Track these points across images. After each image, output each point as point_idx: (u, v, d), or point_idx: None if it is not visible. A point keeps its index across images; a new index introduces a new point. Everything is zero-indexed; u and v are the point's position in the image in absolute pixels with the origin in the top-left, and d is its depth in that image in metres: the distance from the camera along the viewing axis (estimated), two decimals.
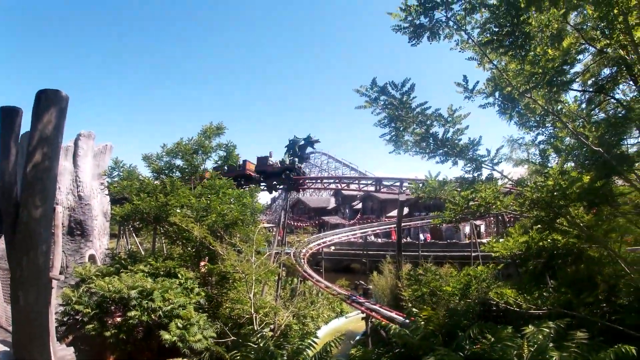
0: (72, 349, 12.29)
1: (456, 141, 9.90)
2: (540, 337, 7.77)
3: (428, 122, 9.80)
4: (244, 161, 38.12)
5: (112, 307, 15.95)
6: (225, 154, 25.66)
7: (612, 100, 11.72)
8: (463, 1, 8.44)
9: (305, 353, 9.79)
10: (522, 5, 8.12)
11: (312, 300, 27.08)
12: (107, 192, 26.46)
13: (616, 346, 6.94)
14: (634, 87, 11.18)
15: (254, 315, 16.56)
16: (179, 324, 15.19)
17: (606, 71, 12.10)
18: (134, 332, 15.50)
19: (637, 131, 10.85)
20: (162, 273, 18.21)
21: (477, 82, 9.76)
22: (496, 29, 8.69)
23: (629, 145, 11.61)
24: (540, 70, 8.71)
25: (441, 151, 10.08)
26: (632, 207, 13.14)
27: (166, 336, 14.50)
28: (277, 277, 25.06)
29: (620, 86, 12.38)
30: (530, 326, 8.20)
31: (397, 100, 9.43)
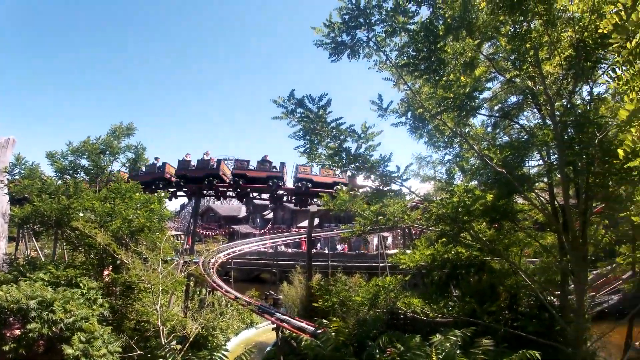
0: None
1: (368, 157, 10.24)
2: (448, 345, 8.15)
3: (342, 137, 10.08)
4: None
5: (11, 319, 14.84)
6: (134, 156, 24.19)
7: (517, 125, 12.61)
8: (385, 24, 8.79)
9: None
10: (440, 33, 8.59)
11: (222, 312, 26.50)
12: (6, 190, 24.58)
13: (520, 351, 7.41)
14: (538, 114, 12.10)
15: (161, 328, 15.93)
16: (82, 337, 14.32)
17: (513, 99, 13.08)
18: (34, 347, 14.55)
19: (538, 155, 11.71)
20: (63, 282, 17.21)
21: (391, 101, 10.20)
22: (413, 53, 9.12)
23: (530, 167, 12.51)
24: (452, 95, 9.21)
25: (353, 166, 10.40)
26: (532, 222, 14.21)
27: (69, 350, 13.66)
28: (185, 288, 24.39)
29: (525, 113, 13.38)
30: (437, 335, 8.58)
31: (314, 114, 9.63)
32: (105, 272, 20.56)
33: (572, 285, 11.54)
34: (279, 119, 9.65)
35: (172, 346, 14.04)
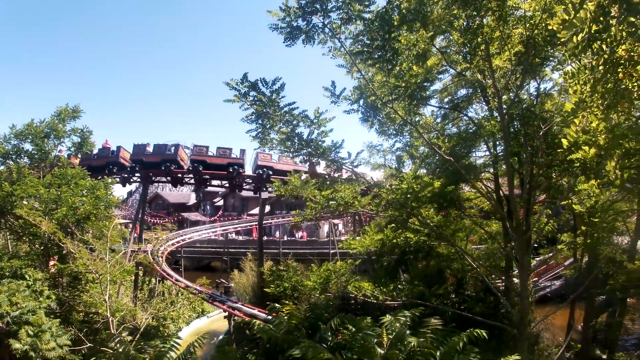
0: None
1: (320, 142, 10.35)
2: (398, 325, 8.41)
3: (294, 122, 10.14)
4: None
5: None
6: (80, 140, 23.36)
7: (465, 117, 13.02)
8: (341, 11, 8.88)
9: (168, 355, 9.62)
10: (395, 23, 8.75)
11: (172, 301, 26.41)
12: None
13: (468, 330, 7.73)
14: (486, 107, 12.52)
15: (110, 319, 15.66)
16: (29, 331, 13.95)
17: (462, 92, 13.47)
18: None
19: (485, 146, 12.13)
20: (7, 274, 16.61)
21: (344, 88, 10.32)
22: (368, 42, 9.25)
23: (476, 158, 12.95)
24: (404, 84, 9.41)
25: (305, 151, 10.49)
26: (477, 211, 14.75)
27: (16, 345, 13.28)
28: (133, 277, 24.02)
29: (474, 106, 13.80)
30: (388, 316, 8.82)
31: (267, 98, 9.65)
32: (51, 263, 19.97)
33: (516, 271, 12.10)
34: (232, 101, 9.59)
35: (122, 337, 13.85)
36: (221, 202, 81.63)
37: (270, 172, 34.25)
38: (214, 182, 38.21)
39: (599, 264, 13.45)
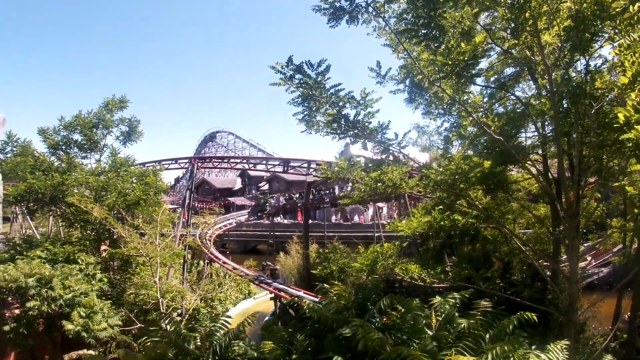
0: None
1: (366, 124, 10.18)
2: (447, 306, 8.29)
3: (341, 104, 10.00)
4: None
5: (9, 298, 14.82)
6: (128, 129, 24.02)
7: (512, 97, 12.59)
8: None
9: (218, 334, 9.77)
10: (440, 0, 8.48)
11: (220, 283, 26.92)
12: None
13: (518, 313, 7.54)
14: (534, 86, 12.08)
15: (160, 300, 16.08)
16: (81, 312, 14.41)
17: (509, 70, 12.99)
18: (34, 325, 14.55)
19: (533, 126, 11.73)
20: (61, 259, 17.22)
21: (390, 68, 10.11)
22: (413, 19, 8.99)
23: (525, 138, 12.55)
24: (451, 62, 9.13)
25: (352, 132, 10.34)
26: (525, 193, 14.34)
27: (69, 326, 13.75)
28: (182, 260, 24.55)
29: (521, 85, 13.36)
30: (437, 297, 8.71)
31: (312, 80, 9.54)
32: (103, 247, 20.62)
33: (565, 256, 11.72)
34: (277, 85, 9.54)
35: (172, 317, 14.16)
36: (266, 187, 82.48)
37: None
38: (260, 166, 38.63)
39: None
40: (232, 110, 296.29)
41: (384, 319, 8.31)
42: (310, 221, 36.37)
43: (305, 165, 35.45)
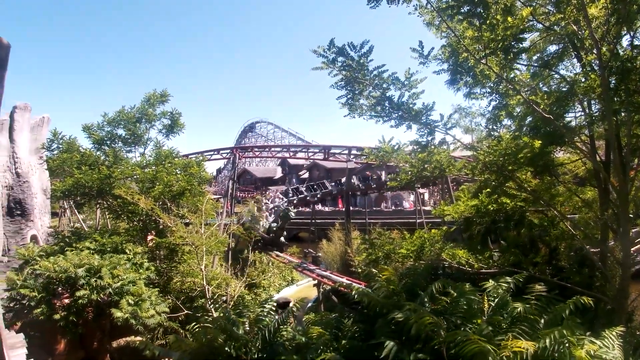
0: (21, 335, 11.81)
1: (411, 105, 10.03)
2: (500, 291, 8.11)
3: (384, 86, 9.88)
4: None
5: (60, 289, 15.18)
6: (170, 122, 24.41)
7: (557, 75, 12.13)
8: None
9: (267, 319, 9.83)
10: None
11: (263, 270, 27.16)
12: (45, 167, 25.03)
13: (574, 297, 7.31)
14: (578, 64, 11.60)
15: (206, 287, 16.36)
16: (130, 300, 14.72)
17: (552, 48, 12.50)
18: (84, 313, 14.89)
19: (579, 106, 11.30)
20: (109, 249, 17.60)
21: (432, 48, 9.89)
22: None
23: (571, 118, 12.11)
24: (499, 37, 8.85)
25: (396, 115, 10.19)
26: (571, 177, 13.86)
27: (118, 314, 14.05)
28: (227, 248, 24.89)
29: (565, 63, 12.87)
30: (490, 281, 8.53)
31: (355, 62, 9.45)
32: (149, 237, 21.05)
33: (612, 242, 11.28)
34: (320, 69, 9.46)
35: (219, 304, 14.36)
36: (307, 175, 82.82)
37: None
38: (301, 154, 38.65)
39: None
40: (271, 101, 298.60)
41: (433, 305, 8.18)
42: (351, 208, 36.33)
43: (346, 151, 35.38)
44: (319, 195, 41.53)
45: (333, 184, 42.97)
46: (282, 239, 30.23)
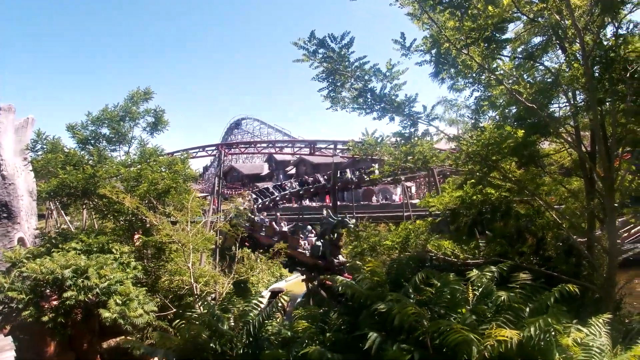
0: (9, 338, 11.71)
1: (393, 97, 10.08)
2: (485, 280, 8.12)
3: (366, 77, 9.92)
4: None
5: (47, 290, 15.07)
6: (154, 119, 24.09)
7: (541, 67, 12.21)
8: None
9: (251, 314, 9.79)
10: None
11: (252, 266, 27.08)
12: (30, 168, 24.72)
13: (560, 285, 7.34)
14: (562, 55, 11.68)
15: (194, 285, 16.31)
16: (118, 300, 14.60)
17: (536, 40, 12.58)
18: (72, 314, 14.78)
19: (564, 96, 11.37)
20: (95, 249, 17.44)
21: (415, 39, 9.89)
22: None
23: (556, 109, 12.20)
24: (479, 27, 8.87)
25: (378, 107, 10.24)
26: (557, 167, 13.98)
27: (106, 314, 13.94)
28: (214, 245, 24.77)
29: (549, 54, 12.96)
30: (474, 271, 8.55)
31: (336, 54, 9.46)
32: (136, 236, 20.90)
33: (599, 232, 11.40)
34: (300, 61, 9.45)
35: (206, 301, 14.29)
36: (293, 170, 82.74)
37: None
38: (287, 150, 38.58)
39: None
40: (258, 97, 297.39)
41: (417, 296, 8.19)
42: (339, 203, 36.30)
43: (332, 146, 35.43)
44: (311, 189, 41.21)
45: (325, 176, 42.82)
46: (341, 257, 24.29)
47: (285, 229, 28.90)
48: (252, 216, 31.79)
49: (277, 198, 42.04)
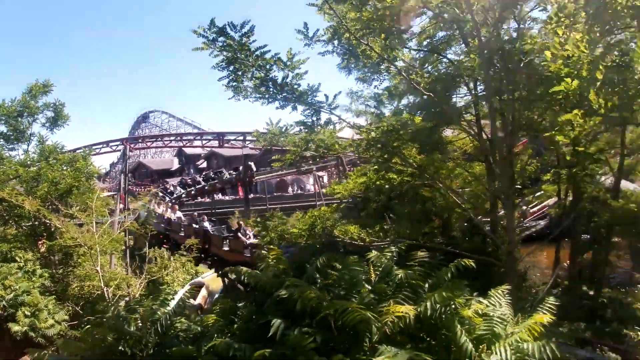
0: None
1: (295, 86, 10.23)
2: (384, 260, 8.44)
3: (267, 66, 9.99)
4: None
5: None
6: (53, 114, 22.31)
7: (445, 60, 12.85)
8: None
9: (159, 312, 9.63)
10: None
11: (165, 265, 26.51)
12: None
13: (456, 261, 7.78)
14: (465, 48, 12.37)
15: (105, 289, 15.77)
16: (26, 312, 13.98)
17: (441, 34, 13.20)
18: None
19: (465, 87, 12.05)
20: None
21: (317, 29, 10.14)
22: None
23: (458, 100, 12.92)
24: (380, 16, 9.20)
25: (281, 96, 10.40)
26: (460, 153, 14.82)
27: (15, 327, 13.32)
28: (124, 246, 24.00)
29: (453, 48, 13.67)
30: (373, 252, 8.89)
31: (236, 42, 9.47)
32: (41, 242, 19.87)
33: (502, 212, 12.27)
34: (200, 49, 9.40)
35: (118, 305, 13.90)
36: (204, 164, 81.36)
37: None
38: (196, 143, 37.84)
39: (583, 203, 13.69)
40: (166, 89, 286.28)
41: (323, 280, 8.42)
42: (252, 195, 36.22)
43: (241, 138, 35.24)
44: (217, 185, 40.20)
45: (231, 172, 42.31)
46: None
47: (208, 227, 28.32)
48: (167, 216, 30.83)
49: (183, 195, 40.29)
